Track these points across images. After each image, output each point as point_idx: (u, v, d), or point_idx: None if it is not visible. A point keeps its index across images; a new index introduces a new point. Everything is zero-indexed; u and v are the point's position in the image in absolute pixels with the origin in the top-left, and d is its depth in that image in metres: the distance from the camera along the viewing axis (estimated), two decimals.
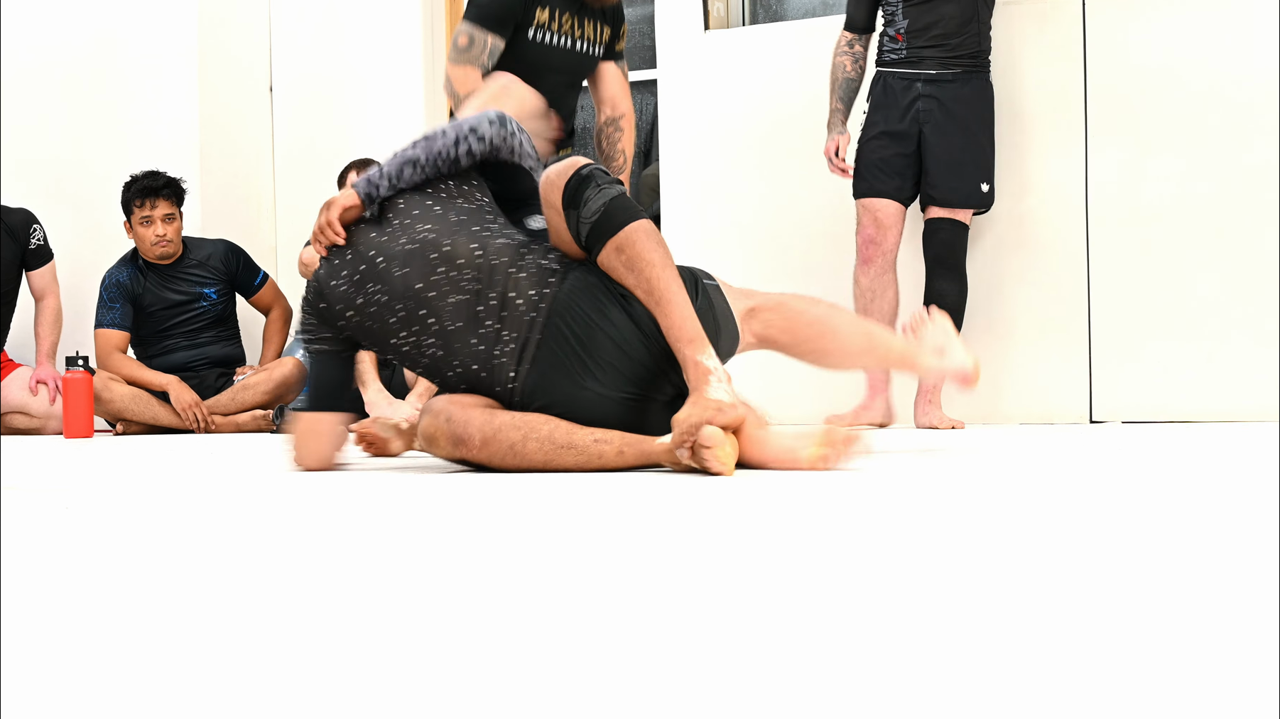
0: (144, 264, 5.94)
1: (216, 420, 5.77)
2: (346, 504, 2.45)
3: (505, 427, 3.03)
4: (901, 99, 4.87)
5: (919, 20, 4.83)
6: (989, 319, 5.22)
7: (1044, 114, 5.16)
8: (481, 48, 4.96)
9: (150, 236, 5.83)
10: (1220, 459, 3.17)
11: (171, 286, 5.93)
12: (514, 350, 3.07)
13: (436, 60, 6.31)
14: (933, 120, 4.83)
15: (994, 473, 2.82)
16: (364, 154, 6.04)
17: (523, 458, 3.02)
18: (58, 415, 5.92)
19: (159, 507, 2.46)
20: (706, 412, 2.82)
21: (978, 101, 4.86)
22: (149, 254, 5.88)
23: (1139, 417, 5.03)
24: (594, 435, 2.99)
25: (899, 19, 4.86)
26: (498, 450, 3.03)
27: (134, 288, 5.91)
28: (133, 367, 5.83)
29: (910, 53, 4.85)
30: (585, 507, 2.27)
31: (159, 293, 5.92)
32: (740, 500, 2.33)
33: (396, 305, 3.16)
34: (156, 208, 5.82)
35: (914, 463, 3.09)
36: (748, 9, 6.04)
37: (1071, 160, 5.13)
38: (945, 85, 4.82)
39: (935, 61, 4.82)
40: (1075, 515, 2.03)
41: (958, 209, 4.90)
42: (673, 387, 3.08)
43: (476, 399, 3.11)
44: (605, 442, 2.98)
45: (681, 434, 2.81)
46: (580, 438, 2.99)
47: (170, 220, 5.85)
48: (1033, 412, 5.16)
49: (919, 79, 4.85)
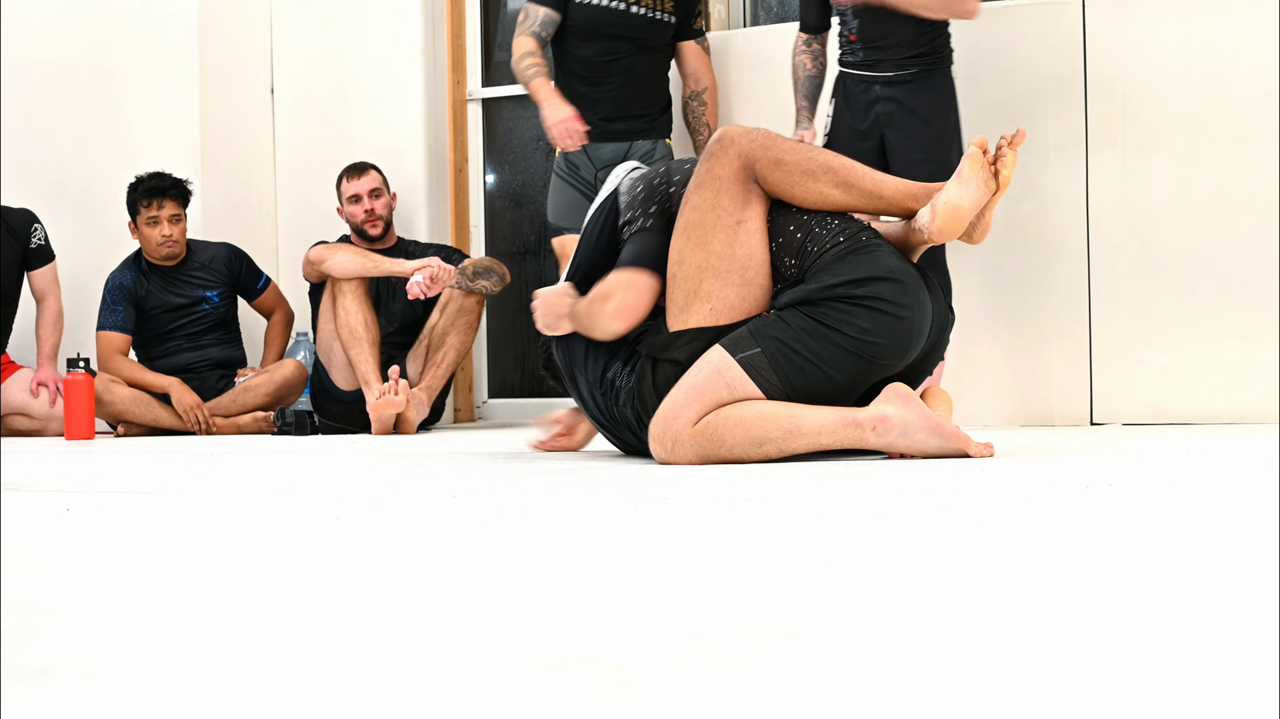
0: (147, 266, 5.94)
1: (217, 422, 5.77)
2: (360, 511, 2.44)
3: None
4: (861, 99, 4.87)
5: (870, 21, 4.82)
6: (989, 320, 5.22)
7: (1044, 115, 5.16)
8: (534, 19, 5.36)
9: (156, 237, 5.83)
10: (1222, 461, 3.17)
11: (174, 289, 5.93)
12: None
13: (438, 62, 6.31)
14: (894, 122, 4.81)
15: (992, 473, 2.81)
16: (365, 156, 6.04)
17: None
18: (59, 417, 5.92)
19: (162, 508, 2.46)
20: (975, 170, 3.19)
21: (938, 99, 4.82)
22: (154, 254, 5.88)
23: (1140, 419, 5.03)
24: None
25: (850, 19, 4.86)
26: None
27: (137, 290, 5.91)
28: (134, 369, 5.83)
29: (866, 54, 4.84)
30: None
31: (162, 295, 5.92)
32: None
33: None
34: (163, 208, 5.83)
35: (912, 465, 3.09)
36: (748, 9, 6.04)
37: (1072, 161, 5.13)
38: (903, 86, 4.80)
39: (892, 63, 4.80)
40: (1075, 517, 2.03)
41: None
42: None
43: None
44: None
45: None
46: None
47: (176, 221, 5.85)
48: (1033, 414, 5.16)
49: (876, 81, 4.84)
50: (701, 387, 3.15)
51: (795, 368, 3.13)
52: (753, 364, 3.13)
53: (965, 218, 3.21)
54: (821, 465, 3.06)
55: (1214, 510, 2.07)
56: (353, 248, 5.69)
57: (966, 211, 3.20)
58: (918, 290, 3.20)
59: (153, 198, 5.83)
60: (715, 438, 3.12)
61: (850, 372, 3.16)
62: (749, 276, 3.22)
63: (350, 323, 5.57)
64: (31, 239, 6.03)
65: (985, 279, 5.23)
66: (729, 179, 3.23)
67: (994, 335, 5.23)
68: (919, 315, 3.18)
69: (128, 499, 2.64)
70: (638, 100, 5.42)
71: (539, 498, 2.45)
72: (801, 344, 3.14)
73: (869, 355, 3.15)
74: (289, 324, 6.11)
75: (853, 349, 3.14)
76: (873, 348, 3.14)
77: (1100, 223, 5.10)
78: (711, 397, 3.14)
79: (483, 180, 6.41)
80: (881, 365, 3.17)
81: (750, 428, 3.10)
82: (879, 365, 3.17)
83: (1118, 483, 2.54)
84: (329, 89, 6.37)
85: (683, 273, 3.24)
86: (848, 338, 3.13)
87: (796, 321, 3.15)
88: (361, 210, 5.79)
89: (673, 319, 3.26)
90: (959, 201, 3.19)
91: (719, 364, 3.15)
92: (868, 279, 3.15)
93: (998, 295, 5.22)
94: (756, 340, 3.15)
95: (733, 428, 3.11)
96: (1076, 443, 3.92)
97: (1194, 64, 4.99)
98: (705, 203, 3.24)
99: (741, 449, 3.12)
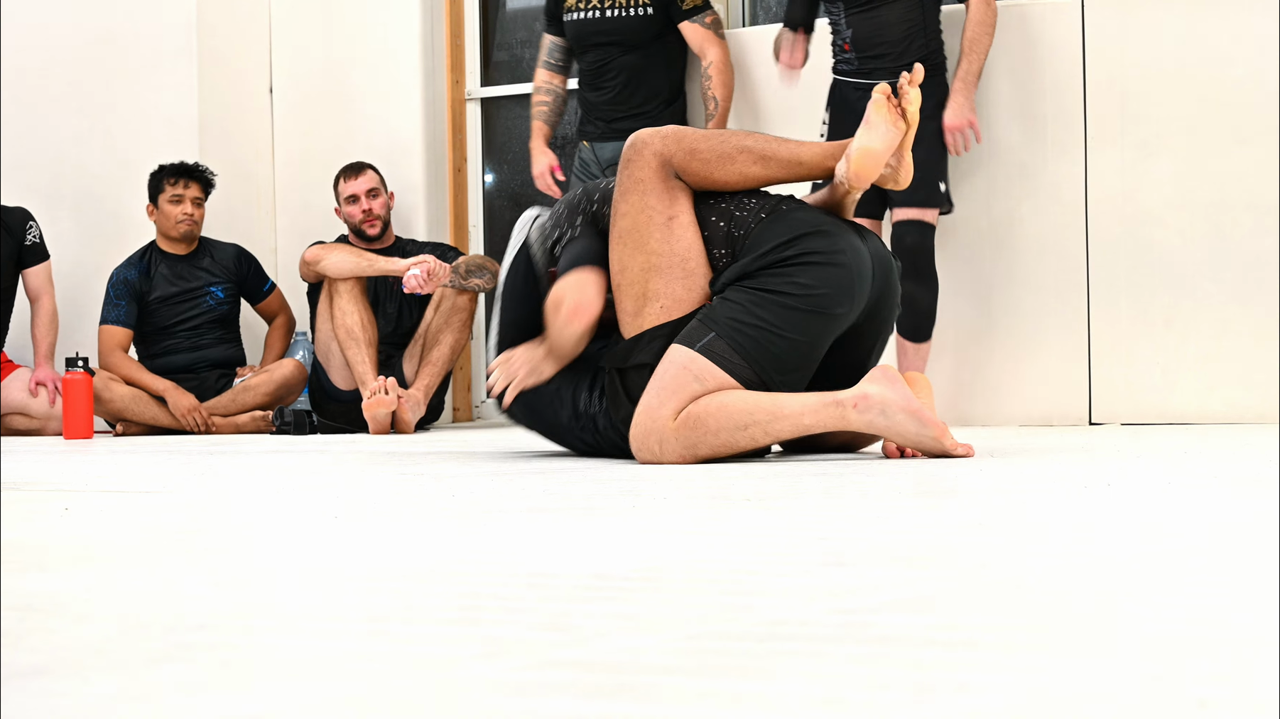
0: (157, 255, 5.95)
1: (216, 422, 5.77)
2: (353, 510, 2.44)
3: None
4: (856, 108, 4.90)
5: (862, 28, 4.87)
6: (988, 320, 5.22)
7: (1043, 115, 5.16)
8: (544, 49, 5.71)
9: (177, 214, 5.86)
10: (1221, 461, 3.17)
11: (181, 278, 5.94)
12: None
13: (437, 61, 6.31)
14: None
15: (992, 473, 2.82)
16: (364, 156, 6.04)
17: None
18: (58, 416, 5.92)
19: (161, 507, 2.46)
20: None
21: (929, 104, 4.85)
22: (171, 233, 5.90)
23: (1138, 419, 5.03)
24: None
25: (844, 28, 4.91)
26: None
27: (141, 285, 5.93)
28: (132, 367, 5.83)
29: (860, 64, 4.91)
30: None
31: (167, 285, 5.92)
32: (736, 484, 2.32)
33: None
34: (189, 188, 5.89)
35: (910, 465, 3.09)
36: (747, 9, 6.04)
37: (1071, 161, 5.13)
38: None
39: (885, 72, 4.84)
40: (1073, 517, 2.03)
41: (915, 209, 4.89)
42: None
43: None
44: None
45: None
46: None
47: (198, 204, 5.91)
48: (1032, 413, 5.16)
49: (870, 89, 4.86)
50: (672, 385, 3.17)
51: (753, 341, 3.15)
52: (713, 350, 3.16)
53: (879, 159, 3.25)
54: (820, 465, 3.06)
55: (1213, 511, 2.07)
56: (348, 248, 5.70)
57: (879, 153, 3.25)
58: (846, 235, 3.24)
59: (180, 176, 5.89)
60: (699, 425, 3.13)
61: (807, 330, 3.18)
62: (690, 268, 3.26)
63: (347, 323, 5.58)
64: (26, 237, 6.03)
65: (984, 278, 5.23)
66: (651, 179, 3.27)
67: (993, 335, 5.23)
68: (854, 259, 3.21)
69: (126, 499, 2.64)
70: (635, 98, 5.49)
71: (537, 497, 2.45)
72: (752, 316, 3.16)
73: (819, 309, 3.17)
74: (290, 329, 6.11)
75: (802, 307, 3.16)
76: (819, 299, 3.16)
77: (1099, 222, 5.10)
78: (684, 391, 3.17)
79: (481, 180, 6.41)
80: (834, 315, 3.19)
81: (733, 411, 3.12)
82: (832, 316, 3.19)
83: (1116, 483, 2.54)
84: (328, 88, 6.36)
85: (627, 279, 3.28)
86: (793, 297, 3.15)
87: (740, 298, 3.19)
88: (359, 211, 5.79)
89: (627, 326, 3.29)
90: (869, 145, 3.25)
91: (681, 360, 3.18)
92: (794, 239, 3.20)
93: (997, 295, 5.22)
94: (709, 327, 3.18)
95: (715, 412, 3.13)
96: (1075, 443, 3.92)
97: (1193, 64, 4.99)
98: (634, 207, 3.27)
99: (727, 434, 3.13)
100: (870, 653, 1.08)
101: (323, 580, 1.53)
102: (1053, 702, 0.92)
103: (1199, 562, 1.55)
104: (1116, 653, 1.07)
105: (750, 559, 1.60)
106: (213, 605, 1.37)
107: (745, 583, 1.43)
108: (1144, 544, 1.69)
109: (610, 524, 2.01)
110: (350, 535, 1.96)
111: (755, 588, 1.40)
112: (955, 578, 1.44)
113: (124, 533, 2.03)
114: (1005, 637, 1.14)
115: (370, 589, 1.46)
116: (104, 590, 1.48)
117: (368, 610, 1.33)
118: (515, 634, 1.18)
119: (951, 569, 1.52)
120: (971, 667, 1.02)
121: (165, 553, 1.79)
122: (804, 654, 1.09)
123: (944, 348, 5.17)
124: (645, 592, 1.41)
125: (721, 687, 0.97)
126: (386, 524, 2.10)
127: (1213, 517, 1.98)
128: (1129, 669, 1.01)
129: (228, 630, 1.23)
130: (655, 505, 2.27)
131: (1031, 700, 0.92)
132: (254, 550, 1.82)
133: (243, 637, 1.20)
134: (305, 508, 2.40)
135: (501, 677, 1.02)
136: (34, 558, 1.71)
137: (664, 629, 1.18)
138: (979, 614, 1.26)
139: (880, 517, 2.05)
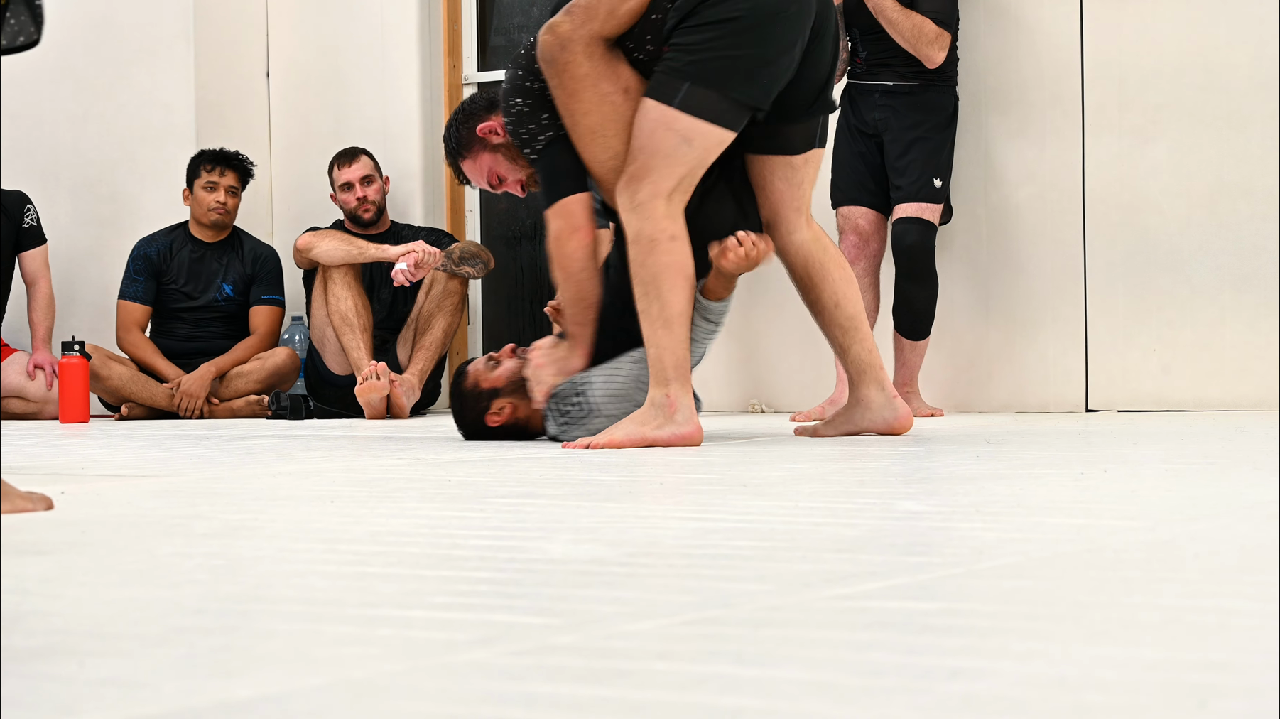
0: (182, 237, 5.95)
1: (211, 404, 5.77)
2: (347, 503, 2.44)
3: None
4: (864, 109, 4.99)
5: (877, 49, 4.94)
6: (985, 307, 5.22)
7: (1041, 102, 5.16)
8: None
9: (210, 201, 5.85)
10: (1218, 448, 3.17)
11: (198, 267, 5.93)
12: None
13: (433, 46, 6.30)
14: (889, 127, 4.95)
15: (990, 461, 2.82)
16: (360, 141, 6.03)
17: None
18: (55, 400, 5.91)
19: (157, 491, 2.46)
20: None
21: (934, 108, 4.94)
22: (203, 219, 5.89)
23: (1135, 405, 5.03)
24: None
25: (860, 49, 4.97)
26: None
27: (159, 262, 5.93)
28: (148, 350, 5.85)
29: (870, 69, 4.95)
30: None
31: (183, 270, 5.92)
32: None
33: None
34: (225, 176, 5.89)
35: (909, 452, 3.09)
36: None
37: (1068, 148, 5.13)
38: (902, 97, 4.94)
39: (892, 73, 4.91)
40: (1071, 505, 2.03)
41: (913, 203, 4.90)
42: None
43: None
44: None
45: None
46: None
47: (233, 194, 5.91)
48: (1029, 400, 5.16)
49: (877, 90, 4.97)
50: (660, 149, 3.16)
51: (725, 71, 3.14)
52: (694, 101, 3.15)
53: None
54: (820, 451, 3.06)
55: (1210, 497, 2.07)
56: (340, 235, 5.69)
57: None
58: None
59: (217, 163, 5.88)
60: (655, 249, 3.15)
61: (769, 40, 3.16)
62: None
63: (341, 309, 5.58)
64: (24, 220, 6.03)
65: (981, 265, 5.23)
66: (591, 66, 3.23)
67: (990, 322, 5.23)
68: None
69: (123, 483, 2.64)
70: None
71: (533, 482, 2.45)
72: (711, 50, 3.15)
73: (772, 12, 3.15)
74: (264, 348, 5.99)
75: (753, 18, 3.15)
76: (766, 5, 3.15)
77: (1096, 209, 5.10)
78: (675, 156, 3.15)
79: None
80: (788, 15, 3.16)
81: (669, 276, 3.13)
82: (786, 16, 3.16)
83: (1113, 469, 2.54)
84: (324, 73, 6.35)
85: (617, 162, 3.24)
86: (742, 16, 3.14)
87: (692, 39, 3.17)
88: (354, 198, 5.79)
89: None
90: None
91: (661, 118, 3.17)
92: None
93: (993, 282, 5.22)
94: (678, 78, 3.16)
95: (667, 265, 3.14)
96: (1072, 429, 3.93)
97: (1190, 50, 4.99)
98: (592, 101, 3.25)
99: (651, 272, 3.16)
100: (866, 639, 1.09)
101: (318, 565, 1.53)
102: (1048, 687, 0.92)
103: (1196, 548, 1.55)
104: (1113, 639, 1.07)
105: (746, 545, 1.60)
106: (209, 589, 1.37)
107: (741, 568, 1.43)
108: (1140, 530, 1.69)
109: (607, 509, 2.01)
110: (346, 520, 1.96)
111: (751, 573, 1.40)
112: (951, 564, 1.44)
113: (120, 517, 2.03)
114: (1001, 623, 1.14)
115: (366, 574, 1.46)
116: (101, 574, 1.48)
117: (363, 595, 1.33)
118: (511, 619, 1.18)
119: (947, 555, 1.52)
120: (967, 652, 1.02)
121: (162, 537, 1.79)
122: (800, 640, 1.09)
123: (941, 335, 5.17)
124: (642, 577, 1.41)
125: (717, 671, 0.98)
126: (382, 509, 2.11)
127: (1210, 503, 1.98)
128: (1126, 655, 1.01)
129: (224, 615, 1.23)
130: (651, 491, 2.27)
131: (1027, 686, 0.93)
132: (250, 535, 1.82)
133: (239, 621, 1.20)
134: (301, 492, 2.40)
135: (498, 661, 1.02)
136: (30, 541, 1.71)
137: (660, 614, 1.19)
138: (975, 600, 1.26)
139: (876, 503, 2.06)
